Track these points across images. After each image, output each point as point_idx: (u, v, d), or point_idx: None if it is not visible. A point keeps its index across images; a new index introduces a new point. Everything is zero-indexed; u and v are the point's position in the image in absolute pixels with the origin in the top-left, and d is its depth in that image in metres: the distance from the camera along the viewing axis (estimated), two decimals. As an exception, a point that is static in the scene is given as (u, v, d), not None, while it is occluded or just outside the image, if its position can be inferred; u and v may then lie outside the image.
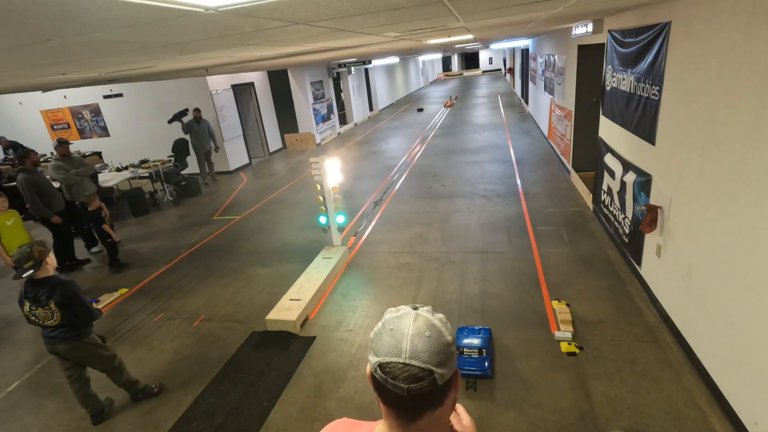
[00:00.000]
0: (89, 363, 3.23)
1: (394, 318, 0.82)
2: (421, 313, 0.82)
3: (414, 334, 0.78)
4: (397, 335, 0.78)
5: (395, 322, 0.80)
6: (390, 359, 0.77)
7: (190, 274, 5.63)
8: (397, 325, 0.80)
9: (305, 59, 7.32)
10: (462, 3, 2.27)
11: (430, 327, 0.79)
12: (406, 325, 0.79)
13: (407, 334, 0.78)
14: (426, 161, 10.24)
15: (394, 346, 0.77)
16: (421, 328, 0.79)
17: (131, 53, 2.62)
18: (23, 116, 11.81)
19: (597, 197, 5.78)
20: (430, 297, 4.48)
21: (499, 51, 37.34)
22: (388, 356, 0.77)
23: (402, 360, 0.76)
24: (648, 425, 2.76)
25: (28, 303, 2.93)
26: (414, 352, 0.76)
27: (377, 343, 0.80)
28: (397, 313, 0.83)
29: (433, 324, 0.80)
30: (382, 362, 0.77)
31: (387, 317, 0.83)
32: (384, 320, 0.83)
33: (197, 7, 1.39)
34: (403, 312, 0.83)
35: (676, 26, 3.28)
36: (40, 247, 2.92)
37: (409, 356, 0.76)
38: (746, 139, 2.43)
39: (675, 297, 3.52)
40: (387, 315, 0.84)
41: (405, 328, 0.79)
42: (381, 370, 0.77)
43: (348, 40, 3.85)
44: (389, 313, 0.84)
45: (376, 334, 0.82)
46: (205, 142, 9.97)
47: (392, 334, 0.79)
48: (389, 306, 0.87)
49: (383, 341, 0.79)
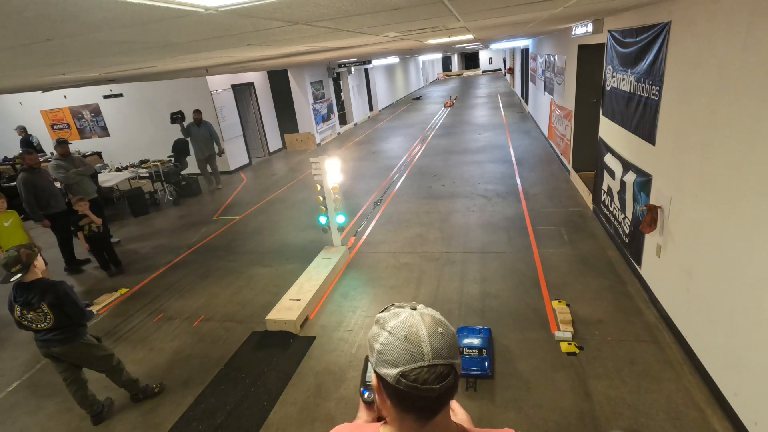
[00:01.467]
0: (86, 364, 3.21)
1: (399, 323, 0.79)
2: (424, 312, 0.81)
3: (429, 335, 0.76)
4: (413, 340, 0.76)
5: (404, 327, 0.78)
6: (414, 365, 0.74)
7: (190, 274, 5.63)
8: (410, 330, 0.77)
9: (305, 59, 7.31)
10: (462, 3, 2.27)
11: (438, 323, 0.79)
12: (420, 327, 0.77)
13: (423, 336, 0.76)
14: (426, 161, 10.24)
15: (414, 351, 0.75)
16: (432, 326, 0.78)
17: (131, 53, 2.62)
18: (23, 116, 11.81)
19: (597, 197, 5.78)
20: (430, 297, 4.48)
21: (499, 51, 37.34)
22: (410, 363, 0.75)
23: (427, 363, 0.75)
24: (648, 425, 2.76)
25: (18, 307, 2.90)
26: (435, 352, 0.75)
27: (392, 354, 0.76)
28: (399, 318, 0.80)
29: (439, 319, 0.80)
30: (404, 371, 0.75)
31: (391, 324, 0.79)
32: (389, 328, 0.79)
33: (197, 7, 1.39)
34: (405, 315, 0.80)
35: (676, 26, 3.28)
36: (27, 250, 2.89)
37: (432, 357, 0.75)
38: (746, 139, 2.43)
39: (675, 297, 3.52)
40: (389, 322, 0.80)
41: (419, 330, 0.77)
42: (406, 378, 0.75)
43: (348, 40, 3.85)
44: (391, 319, 0.80)
45: (386, 345, 0.78)
46: (204, 146, 9.16)
47: (407, 340, 0.76)
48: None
49: (399, 349, 0.76)
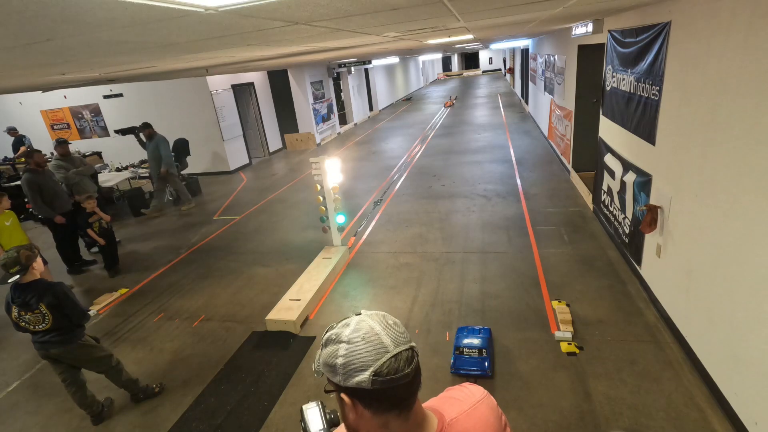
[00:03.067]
0: (85, 365, 3.21)
1: (352, 331, 0.81)
2: (369, 313, 0.85)
3: (384, 328, 0.81)
4: (372, 338, 0.79)
5: (359, 332, 0.80)
6: (382, 360, 0.77)
7: (190, 274, 5.63)
8: (364, 331, 0.80)
9: (305, 59, 7.32)
10: (462, 3, 2.27)
11: (386, 317, 0.84)
12: (371, 326, 0.81)
13: (379, 331, 0.80)
14: (426, 161, 10.24)
15: (377, 348, 0.78)
16: (382, 321, 0.82)
17: (131, 53, 2.62)
18: (23, 116, 11.81)
19: (597, 197, 5.78)
20: (430, 297, 4.48)
21: (499, 51, 37.34)
22: (378, 359, 0.77)
23: (393, 353, 0.78)
24: (648, 425, 2.76)
25: (16, 308, 2.88)
26: (395, 340, 0.80)
27: (358, 359, 0.78)
28: (350, 327, 0.82)
29: (385, 314, 0.85)
30: (376, 369, 0.77)
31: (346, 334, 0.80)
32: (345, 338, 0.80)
33: (197, 7, 1.39)
34: (353, 322, 0.83)
35: (676, 26, 3.28)
36: (27, 252, 2.87)
37: (395, 345, 0.79)
38: (746, 139, 2.43)
39: (675, 297, 3.52)
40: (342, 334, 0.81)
41: (373, 328, 0.80)
42: (380, 375, 0.77)
43: (348, 40, 3.85)
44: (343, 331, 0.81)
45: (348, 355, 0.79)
46: (155, 164, 8.05)
47: (367, 341, 0.79)
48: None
49: (363, 352, 0.78)
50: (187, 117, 10.86)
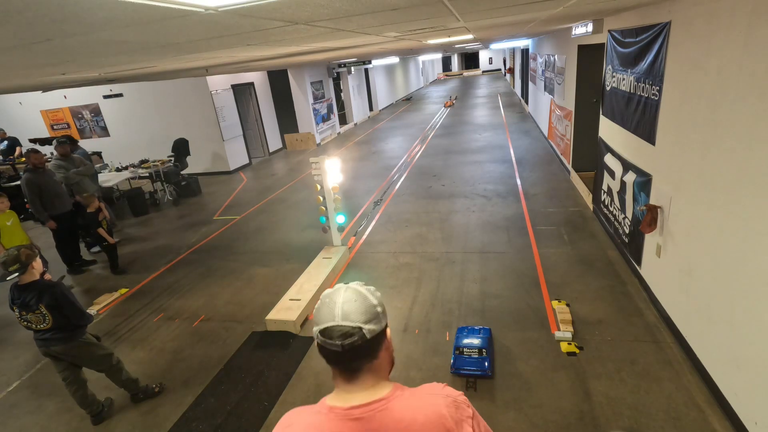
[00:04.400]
0: (85, 363, 3.21)
1: (329, 293, 0.99)
2: (352, 286, 1.00)
3: (344, 302, 0.95)
4: (330, 305, 0.95)
5: (330, 296, 0.97)
6: (327, 324, 0.93)
7: (190, 274, 5.63)
8: (332, 298, 0.97)
9: (305, 59, 7.31)
10: (462, 3, 2.27)
11: (357, 295, 0.97)
12: (338, 296, 0.97)
13: (338, 302, 0.95)
14: (426, 161, 10.24)
15: (329, 313, 0.94)
16: (350, 296, 0.96)
17: (131, 53, 2.62)
18: (23, 116, 11.81)
19: (597, 197, 5.78)
20: (430, 297, 4.48)
21: (499, 51, 37.34)
22: (325, 322, 0.93)
23: (336, 322, 0.92)
24: (648, 425, 2.76)
25: (17, 309, 2.89)
26: (344, 314, 0.93)
27: (317, 316, 0.96)
28: (332, 290, 1.00)
29: (360, 292, 0.98)
30: (321, 328, 0.93)
31: (326, 294, 0.99)
32: (322, 297, 0.99)
33: (197, 7, 1.39)
34: (336, 288, 1.00)
35: (676, 26, 3.28)
36: (28, 251, 2.87)
37: (341, 318, 0.93)
38: (746, 139, 2.43)
39: (675, 297, 3.52)
40: (326, 295, 0.99)
41: (337, 298, 0.96)
42: (321, 334, 0.93)
43: (348, 40, 3.85)
44: (328, 293, 0.99)
45: (317, 309, 0.97)
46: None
47: (327, 305, 0.96)
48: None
49: (320, 311, 0.96)
50: (187, 117, 10.86)
